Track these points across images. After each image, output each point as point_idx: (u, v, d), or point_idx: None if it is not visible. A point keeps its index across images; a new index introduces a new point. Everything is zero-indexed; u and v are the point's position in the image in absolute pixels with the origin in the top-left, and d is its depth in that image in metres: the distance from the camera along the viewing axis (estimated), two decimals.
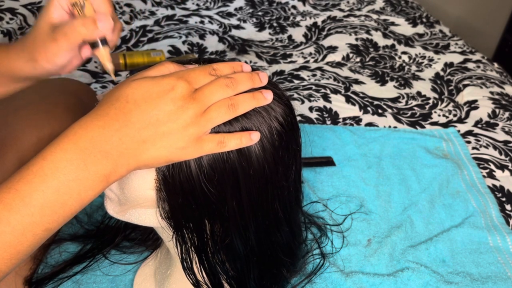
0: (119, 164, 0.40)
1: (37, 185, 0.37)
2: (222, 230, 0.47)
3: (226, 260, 0.50)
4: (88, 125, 0.40)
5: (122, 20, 1.36)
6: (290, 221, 0.53)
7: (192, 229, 0.47)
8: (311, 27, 1.46)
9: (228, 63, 0.45)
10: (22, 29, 1.21)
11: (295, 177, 0.51)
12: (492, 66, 1.30)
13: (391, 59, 1.32)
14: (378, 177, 0.88)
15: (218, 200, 0.45)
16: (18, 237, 0.37)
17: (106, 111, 0.40)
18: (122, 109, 0.40)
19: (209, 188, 0.44)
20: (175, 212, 0.45)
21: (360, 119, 1.05)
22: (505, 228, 0.79)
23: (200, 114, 0.41)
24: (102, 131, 0.39)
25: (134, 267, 0.67)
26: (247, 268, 0.51)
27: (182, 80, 0.41)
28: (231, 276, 0.51)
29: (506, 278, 0.70)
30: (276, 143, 0.46)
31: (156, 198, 0.45)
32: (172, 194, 0.44)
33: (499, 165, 0.94)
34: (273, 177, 0.47)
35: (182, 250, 0.48)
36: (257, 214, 0.48)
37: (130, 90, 0.40)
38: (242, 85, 0.44)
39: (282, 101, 0.47)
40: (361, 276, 0.68)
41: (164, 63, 0.44)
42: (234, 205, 0.46)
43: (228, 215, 0.46)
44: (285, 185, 0.49)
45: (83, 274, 0.65)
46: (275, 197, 0.48)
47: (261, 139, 0.45)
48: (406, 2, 1.67)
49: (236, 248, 0.48)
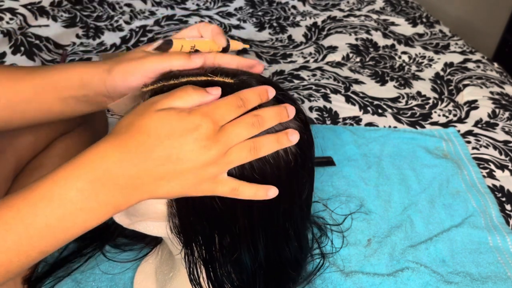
0: (132, 197, 0.39)
1: (42, 209, 0.36)
2: (231, 245, 0.47)
3: (233, 272, 0.49)
4: (105, 154, 0.38)
5: (122, 20, 1.37)
6: (300, 236, 0.53)
7: (201, 243, 0.46)
8: (311, 27, 1.46)
9: (255, 90, 0.43)
10: (22, 29, 1.21)
11: (308, 195, 0.51)
12: (492, 66, 1.30)
13: (391, 59, 1.32)
14: (378, 177, 0.88)
15: (229, 218, 0.44)
16: (10, 257, 0.36)
17: (125, 142, 0.38)
18: (143, 143, 0.38)
19: (221, 207, 0.43)
20: (186, 227, 0.45)
21: (360, 119, 1.05)
22: (505, 228, 0.79)
23: (221, 155, 0.40)
24: (120, 164, 0.38)
25: (133, 265, 0.67)
26: (253, 280, 0.51)
27: (208, 119, 0.39)
28: (237, 287, 0.50)
29: (506, 278, 0.70)
30: (292, 163, 0.45)
31: (167, 213, 0.45)
32: (184, 210, 0.44)
33: (499, 165, 0.94)
34: (286, 196, 0.46)
35: (190, 262, 0.48)
36: (268, 231, 0.47)
37: (153, 123, 0.39)
38: (268, 123, 0.42)
39: (298, 117, 0.46)
40: (361, 276, 0.68)
41: (187, 90, 0.41)
42: (246, 223, 0.45)
43: (238, 232, 0.45)
44: (297, 203, 0.49)
45: (82, 272, 0.65)
46: (287, 216, 0.48)
47: (277, 160, 0.44)
48: (406, 2, 1.67)
49: (244, 262, 0.48)
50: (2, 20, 1.22)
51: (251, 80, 0.45)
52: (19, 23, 1.23)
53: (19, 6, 1.28)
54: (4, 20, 1.22)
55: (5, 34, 1.16)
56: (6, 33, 1.17)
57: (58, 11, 1.34)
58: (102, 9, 1.41)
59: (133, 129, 0.39)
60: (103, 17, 1.37)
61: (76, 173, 0.37)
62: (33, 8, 1.30)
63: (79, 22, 1.33)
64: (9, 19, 1.23)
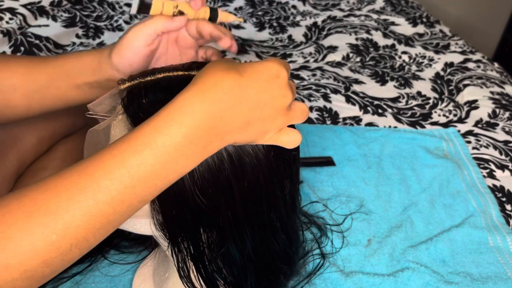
0: (223, 141, 0.39)
1: (147, 157, 0.36)
2: (218, 239, 0.47)
3: (223, 267, 0.49)
4: (205, 98, 0.38)
5: (122, 20, 1.36)
6: (287, 228, 0.52)
7: (188, 239, 0.46)
8: (311, 27, 1.46)
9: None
10: (22, 29, 1.21)
11: (291, 187, 0.50)
12: (492, 66, 1.30)
13: (391, 59, 1.32)
14: (378, 177, 0.88)
15: (212, 211, 0.44)
16: (114, 207, 0.36)
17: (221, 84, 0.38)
18: (237, 81, 0.38)
19: (203, 200, 0.43)
20: (170, 223, 0.45)
21: (360, 119, 1.05)
22: (505, 228, 0.79)
23: (289, 107, 0.42)
24: (219, 105, 0.38)
25: (133, 267, 0.66)
26: (244, 275, 0.50)
27: (284, 67, 0.41)
28: (229, 282, 0.50)
29: (506, 278, 0.70)
30: (271, 153, 0.45)
31: (149, 209, 0.45)
32: (166, 205, 0.43)
33: (499, 165, 0.94)
34: (268, 187, 0.46)
35: (179, 259, 0.48)
36: (253, 223, 0.47)
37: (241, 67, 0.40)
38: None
39: None
40: (361, 276, 0.68)
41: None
42: (229, 216, 0.45)
43: (223, 225, 0.45)
44: (280, 195, 0.48)
45: (82, 274, 0.65)
46: (271, 207, 0.48)
47: (255, 150, 0.44)
48: (406, 2, 1.67)
49: (233, 256, 0.48)
50: (2, 20, 1.21)
51: None
52: (19, 23, 1.23)
53: (19, 6, 1.28)
54: (4, 20, 1.22)
55: (5, 34, 1.16)
56: (6, 33, 1.17)
57: (58, 11, 1.34)
58: (102, 9, 1.41)
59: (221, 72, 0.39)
60: (103, 17, 1.37)
61: (180, 120, 0.37)
62: (33, 8, 1.30)
63: (79, 22, 1.33)
64: (9, 19, 1.23)
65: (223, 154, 0.42)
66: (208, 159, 0.42)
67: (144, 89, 0.44)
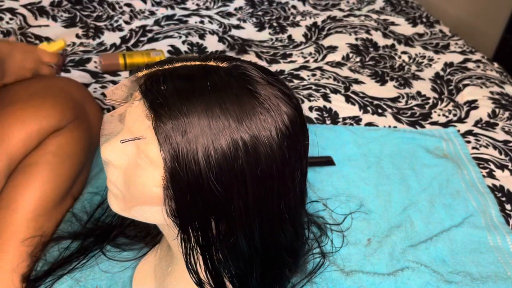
0: None
1: None
2: (227, 229, 0.47)
3: (230, 258, 0.50)
4: None
5: (122, 20, 1.37)
6: (295, 221, 0.53)
7: (198, 228, 0.47)
8: (311, 27, 1.46)
9: None
10: (22, 29, 1.22)
11: (301, 179, 0.51)
12: (492, 66, 1.30)
13: (391, 59, 1.32)
14: (378, 177, 0.88)
15: (225, 199, 0.45)
16: None
17: None
18: None
19: (217, 187, 0.44)
20: (182, 210, 0.45)
21: (360, 118, 1.05)
22: (505, 227, 0.79)
23: None
24: None
25: (132, 264, 0.67)
26: (250, 267, 0.51)
27: None
28: (234, 275, 0.51)
29: (506, 277, 0.70)
30: (285, 144, 0.46)
31: (163, 196, 0.45)
32: (180, 192, 0.44)
33: (499, 165, 0.94)
34: (279, 177, 0.47)
35: (187, 248, 0.48)
36: (263, 214, 0.48)
37: None
38: None
39: (291, 102, 0.47)
40: (361, 275, 0.68)
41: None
42: (241, 204, 0.46)
43: (234, 214, 0.46)
44: (291, 186, 0.49)
45: (82, 271, 0.65)
46: (281, 198, 0.49)
47: (270, 140, 0.45)
48: (406, 2, 1.67)
49: (241, 247, 0.49)
50: (2, 20, 1.22)
51: (243, 64, 0.47)
52: (19, 23, 1.23)
53: (19, 6, 1.28)
54: (4, 20, 1.22)
55: (5, 34, 1.16)
56: (6, 33, 1.17)
57: (58, 11, 1.34)
58: (102, 9, 1.41)
59: None
60: (103, 17, 1.37)
61: None
62: (33, 8, 1.30)
63: (79, 22, 1.33)
64: (9, 19, 1.23)
65: (239, 143, 0.43)
66: (224, 147, 0.43)
67: (162, 76, 0.45)
